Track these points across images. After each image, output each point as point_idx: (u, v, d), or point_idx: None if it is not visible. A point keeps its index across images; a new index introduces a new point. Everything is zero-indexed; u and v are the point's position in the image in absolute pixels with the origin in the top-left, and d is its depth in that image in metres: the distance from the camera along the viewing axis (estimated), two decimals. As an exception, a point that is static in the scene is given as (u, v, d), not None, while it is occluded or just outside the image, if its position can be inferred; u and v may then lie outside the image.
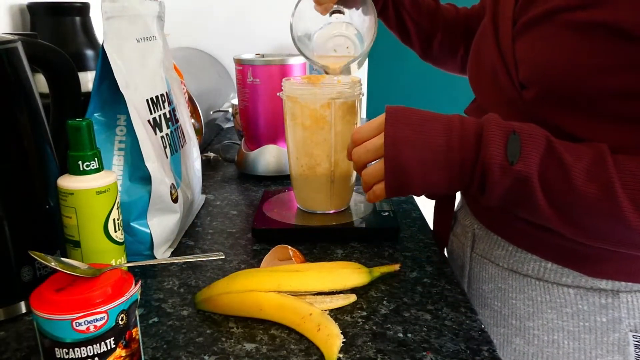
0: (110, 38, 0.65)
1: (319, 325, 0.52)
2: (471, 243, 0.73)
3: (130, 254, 0.68)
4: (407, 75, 1.95)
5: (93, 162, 0.57)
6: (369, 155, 0.58)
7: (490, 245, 0.69)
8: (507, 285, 0.67)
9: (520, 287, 0.65)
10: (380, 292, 0.62)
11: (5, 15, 1.01)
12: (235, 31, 1.67)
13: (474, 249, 0.72)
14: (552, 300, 0.63)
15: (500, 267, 0.67)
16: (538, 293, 0.64)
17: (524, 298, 0.65)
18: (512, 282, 0.66)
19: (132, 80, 0.68)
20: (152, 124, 0.71)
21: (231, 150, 1.22)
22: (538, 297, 0.64)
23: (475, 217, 0.74)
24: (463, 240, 0.75)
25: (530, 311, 0.65)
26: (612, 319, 0.61)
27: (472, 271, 0.72)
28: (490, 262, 0.69)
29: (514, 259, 0.66)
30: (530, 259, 0.64)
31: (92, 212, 0.58)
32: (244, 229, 0.80)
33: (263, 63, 0.98)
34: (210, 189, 0.98)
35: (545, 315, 0.64)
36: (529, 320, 0.65)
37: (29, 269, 0.57)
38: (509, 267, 0.66)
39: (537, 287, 0.64)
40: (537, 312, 0.64)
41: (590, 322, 0.61)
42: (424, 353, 0.51)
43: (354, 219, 0.78)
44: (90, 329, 0.41)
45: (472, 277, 0.72)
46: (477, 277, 0.71)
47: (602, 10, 0.50)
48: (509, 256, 0.66)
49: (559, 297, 0.62)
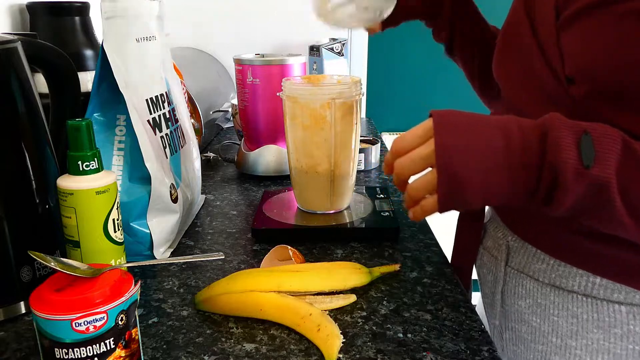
0: (110, 38, 0.65)
1: (319, 326, 0.52)
2: (505, 256, 0.67)
3: (130, 254, 0.68)
4: (407, 75, 1.95)
5: (93, 162, 0.57)
6: (416, 166, 0.52)
7: (528, 259, 0.64)
8: (548, 301, 0.61)
9: (564, 304, 0.60)
10: (380, 292, 0.62)
11: (5, 15, 1.01)
12: (235, 31, 1.67)
13: (508, 262, 0.66)
14: (599, 319, 0.57)
15: (539, 282, 0.62)
16: (584, 310, 0.58)
17: (567, 315, 0.60)
18: (554, 298, 0.61)
19: (132, 80, 0.68)
20: (151, 124, 0.71)
21: (231, 150, 1.22)
22: (584, 314, 0.58)
23: (508, 228, 0.68)
24: (495, 253, 0.69)
25: (574, 329, 0.59)
26: None
27: (506, 286, 0.67)
28: (528, 277, 0.63)
29: (556, 273, 0.60)
30: (576, 273, 0.59)
31: (92, 212, 0.58)
32: (244, 229, 0.80)
33: (263, 63, 0.98)
34: (210, 189, 0.98)
35: (590, 335, 0.58)
36: (572, 339, 0.60)
37: (28, 269, 0.57)
38: (550, 282, 0.61)
39: (583, 303, 0.58)
40: (582, 331, 0.59)
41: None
42: (424, 353, 0.51)
43: (354, 219, 0.78)
44: (90, 329, 0.41)
45: (507, 292, 0.67)
46: (513, 292, 0.65)
47: None
48: (550, 270, 0.61)
49: (607, 316, 0.57)
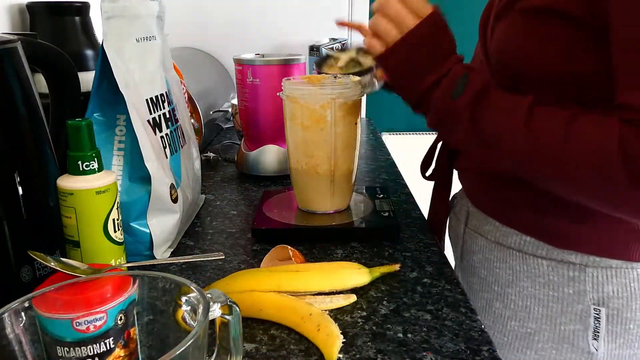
0: (110, 38, 0.65)
1: (318, 326, 0.52)
2: (465, 219, 0.82)
3: (130, 254, 0.68)
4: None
5: (93, 162, 0.57)
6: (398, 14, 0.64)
7: (481, 222, 0.77)
8: (492, 256, 0.74)
9: (503, 258, 0.72)
10: (380, 292, 0.62)
11: (5, 15, 1.01)
12: (235, 31, 1.67)
13: (467, 224, 0.81)
14: (528, 270, 0.70)
15: (488, 240, 0.75)
16: (517, 263, 0.71)
17: (505, 267, 0.72)
18: (497, 253, 0.73)
19: (132, 80, 0.68)
20: (151, 124, 0.71)
21: (231, 150, 1.22)
22: (517, 266, 0.71)
23: (469, 199, 0.82)
24: (459, 217, 0.85)
25: (510, 279, 0.72)
26: (578, 291, 0.66)
27: (465, 244, 0.80)
28: (480, 236, 0.76)
29: (500, 232, 0.73)
30: (513, 233, 0.71)
31: (92, 212, 0.58)
32: (244, 229, 0.80)
33: (263, 63, 0.98)
34: (210, 189, 0.98)
35: (521, 283, 0.71)
36: (509, 287, 0.72)
37: (28, 269, 0.57)
38: (495, 240, 0.74)
39: (517, 257, 0.71)
40: (516, 280, 0.71)
41: (558, 293, 0.68)
42: (424, 353, 0.51)
43: (354, 219, 0.78)
44: (90, 329, 0.41)
45: (465, 249, 0.80)
46: (469, 249, 0.79)
47: None
48: (495, 230, 0.74)
49: (534, 268, 0.69)
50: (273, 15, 1.67)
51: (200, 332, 0.36)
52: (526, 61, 0.62)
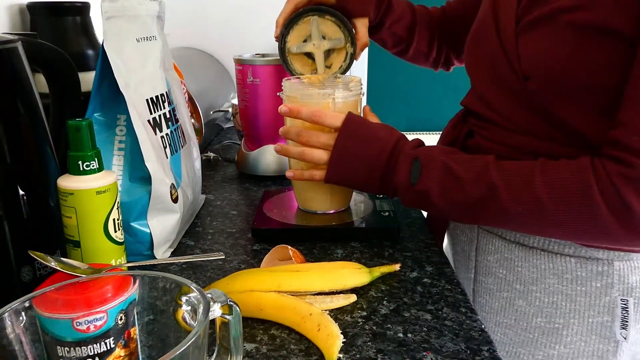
0: (110, 38, 0.65)
1: (319, 325, 0.52)
2: None
3: (130, 254, 0.68)
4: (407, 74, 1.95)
5: (93, 162, 0.57)
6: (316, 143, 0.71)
7: None
8: (513, 255, 0.73)
9: (526, 257, 0.72)
10: (380, 292, 0.62)
11: (5, 15, 1.01)
12: (235, 31, 1.67)
13: (480, 225, 0.79)
14: (554, 268, 0.70)
15: (506, 240, 0.74)
16: (542, 262, 0.71)
17: (529, 266, 0.72)
18: (518, 253, 0.72)
19: (132, 80, 0.68)
20: (152, 124, 0.71)
21: (231, 150, 1.22)
22: (542, 265, 0.71)
23: None
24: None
25: (534, 277, 0.71)
26: (605, 284, 0.68)
27: (479, 244, 0.79)
28: (496, 236, 0.75)
29: (520, 232, 0.72)
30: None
31: (92, 212, 0.58)
32: (244, 229, 0.80)
33: (263, 63, 0.98)
34: (210, 189, 0.98)
35: (547, 280, 0.71)
36: (533, 285, 0.72)
37: (28, 269, 0.57)
38: (515, 240, 0.73)
39: (542, 256, 0.70)
40: (541, 278, 0.71)
41: (586, 287, 0.68)
42: (424, 353, 0.51)
43: (354, 219, 0.78)
44: (91, 329, 0.41)
45: (479, 249, 0.79)
46: (484, 249, 0.78)
47: (594, 12, 0.57)
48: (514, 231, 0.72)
49: (561, 265, 0.69)
50: (273, 15, 1.66)
51: (200, 332, 0.36)
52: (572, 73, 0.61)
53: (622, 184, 0.54)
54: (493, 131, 0.72)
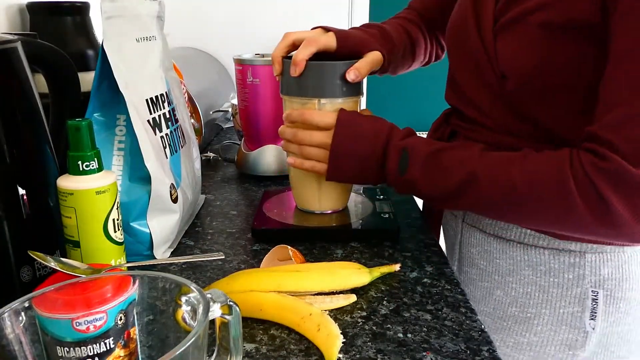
0: (110, 38, 0.65)
1: (319, 325, 0.52)
2: (462, 214, 0.83)
3: (130, 254, 0.68)
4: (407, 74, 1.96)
5: (93, 162, 0.57)
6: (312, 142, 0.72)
7: (479, 216, 0.79)
8: (492, 247, 0.76)
9: (503, 249, 0.75)
10: (380, 292, 0.62)
11: (5, 15, 1.01)
12: (235, 31, 1.67)
13: (464, 219, 0.82)
14: (529, 260, 0.73)
15: (486, 234, 0.77)
16: (518, 254, 0.73)
17: (506, 257, 0.75)
18: (497, 245, 0.76)
19: (132, 80, 0.68)
20: (151, 124, 0.71)
21: (231, 150, 1.22)
22: (518, 256, 0.74)
23: None
24: (455, 213, 0.86)
25: (511, 268, 0.74)
26: (577, 275, 0.70)
27: (462, 237, 0.83)
28: (478, 230, 0.78)
29: (499, 226, 0.75)
30: (513, 226, 0.73)
31: (92, 212, 0.58)
32: (244, 229, 0.80)
33: (263, 63, 0.98)
34: (210, 189, 0.98)
35: (522, 271, 0.73)
36: (509, 276, 0.75)
37: (28, 269, 0.57)
38: (494, 234, 0.76)
39: (518, 248, 0.73)
40: (516, 269, 0.74)
41: (559, 278, 0.71)
42: (424, 353, 0.51)
43: (354, 220, 0.78)
44: (90, 329, 0.41)
45: (463, 242, 0.83)
46: (467, 242, 0.81)
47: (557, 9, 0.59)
48: (494, 224, 0.75)
49: (535, 257, 0.72)
50: (273, 15, 1.67)
51: (200, 332, 0.36)
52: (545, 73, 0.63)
53: (595, 175, 0.55)
54: (476, 131, 0.73)
